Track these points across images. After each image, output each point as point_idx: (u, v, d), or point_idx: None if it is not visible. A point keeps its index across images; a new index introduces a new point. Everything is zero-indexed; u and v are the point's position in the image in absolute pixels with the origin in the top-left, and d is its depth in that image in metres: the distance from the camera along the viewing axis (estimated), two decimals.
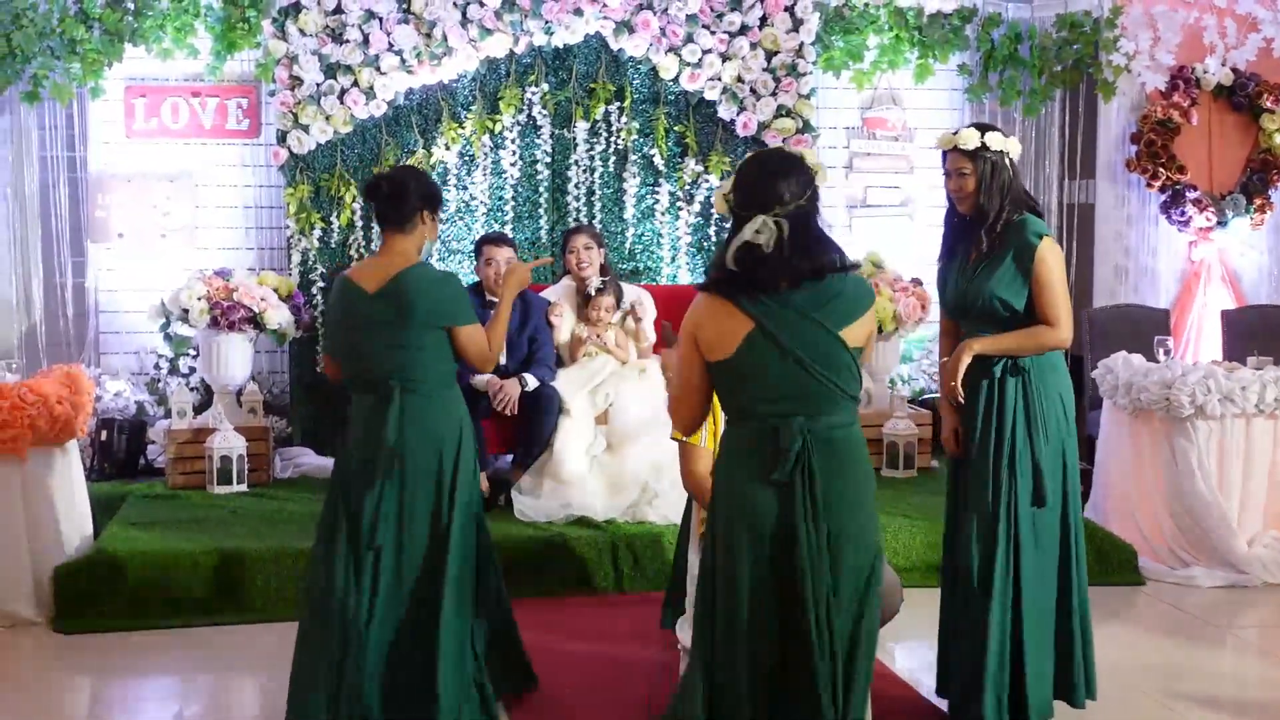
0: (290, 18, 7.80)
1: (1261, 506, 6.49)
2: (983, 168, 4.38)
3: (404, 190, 4.46)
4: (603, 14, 7.99)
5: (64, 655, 5.47)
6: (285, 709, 4.40)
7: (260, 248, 8.26)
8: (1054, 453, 4.39)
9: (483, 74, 8.10)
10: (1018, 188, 4.43)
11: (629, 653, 5.34)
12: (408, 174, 4.62)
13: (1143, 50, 8.43)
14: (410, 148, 8.04)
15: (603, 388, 6.84)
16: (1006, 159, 4.39)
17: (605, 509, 6.44)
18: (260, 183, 8.24)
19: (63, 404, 5.77)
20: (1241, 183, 8.60)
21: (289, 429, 8.04)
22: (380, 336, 4.41)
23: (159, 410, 7.93)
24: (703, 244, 8.33)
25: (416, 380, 4.40)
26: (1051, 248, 4.35)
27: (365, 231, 8.02)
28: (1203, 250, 8.62)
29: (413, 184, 4.49)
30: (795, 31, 8.20)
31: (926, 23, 8.47)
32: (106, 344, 8.14)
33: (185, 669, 5.32)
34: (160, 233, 8.09)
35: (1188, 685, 5.05)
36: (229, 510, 6.68)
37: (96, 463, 7.53)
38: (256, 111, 8.17)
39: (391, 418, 4.36)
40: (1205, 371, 6.40)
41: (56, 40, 7.59)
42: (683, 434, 3.88)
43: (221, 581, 5.86)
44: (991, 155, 4.38)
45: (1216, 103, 8.61)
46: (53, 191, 7.97)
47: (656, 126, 8.23)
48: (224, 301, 7.21)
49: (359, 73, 7.85)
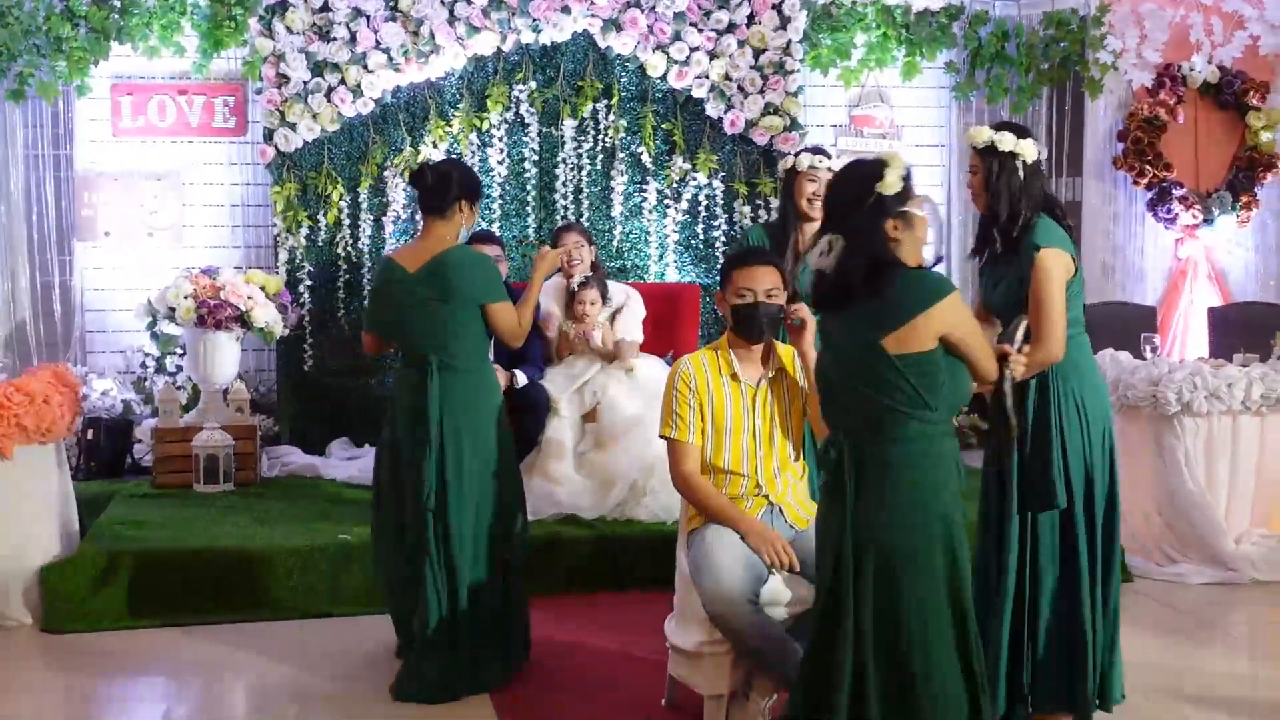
0: (277, 15, 7.79)
1: (1249, 503, 6.51)
2: (989, 166, 4.33)
3: (447, 181, 4.85)
4: (590, 12, 7.99)
5: (51, 655, 5.44)
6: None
7: (247, 246, 8.24)
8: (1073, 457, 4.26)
9: (470, 72, 8.09)
10: (1033, 190, 4.32)
11: (620, 650, 5.33)
12: (452, 166, 4.98)
13: (1129, 48, 8.45)
14: (398, 146, 8.03)
15: (590, 386, 6.83)
16: (1018, 160, 4.32)
17: (594, 507, 6.43)
18: (247, 181, 8.23)
19: (49, 403, 5.75)
20: (1228, 180, 8.63)
21: (276, 427, 8.03)
22: (420, 314, 4.79)
23: (146, 409, 7.92)
24: (690, 241, 8.33)
25: (453, 354, 4.78)
26: (1052, 257, 4.18)
27: (352, 229, 8.01)
28: (1189, 248, 8.65)
29: (455, 175, 4.88)
30: (783, 29, 8.20)
31: (914, 20, 8.49)
32: (93, 343, 8.12)
33: (173, 669, 5.30)
34: (147, 231, 8.07)
35: (1176, 682, 5.05)
36: (216, 509, 6.65)
37: (83, 462, 7.51)
38: (243, 109, 8.15)
39: (432, 390, 4.74)
40: (1192, 369, 6.41)
41: (42, 38, 7.57)
42: None
43: (209, 581, 5.83)
44: (1000, 155, 4.30)
45: (1203, 100, 8.64)
46: (39, 190, 7.96)
47: (644, 124, 8.23)
48: (211, 300, 7.19)
49: (346, 70, 7.83)
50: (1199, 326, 8.51)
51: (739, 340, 4.49)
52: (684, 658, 4.49)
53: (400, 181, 8.03)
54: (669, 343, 7.36)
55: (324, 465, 7.63)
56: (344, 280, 8.06)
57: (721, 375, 4.49)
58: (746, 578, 4.22)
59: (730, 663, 4.31)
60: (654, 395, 6.14)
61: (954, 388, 3.46)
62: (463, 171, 4.93)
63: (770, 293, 4.43)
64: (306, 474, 7.54)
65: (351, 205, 8.02)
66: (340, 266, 8.04)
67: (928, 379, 3.40)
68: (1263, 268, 8.78)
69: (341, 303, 8.06)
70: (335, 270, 8.04)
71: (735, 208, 8.33)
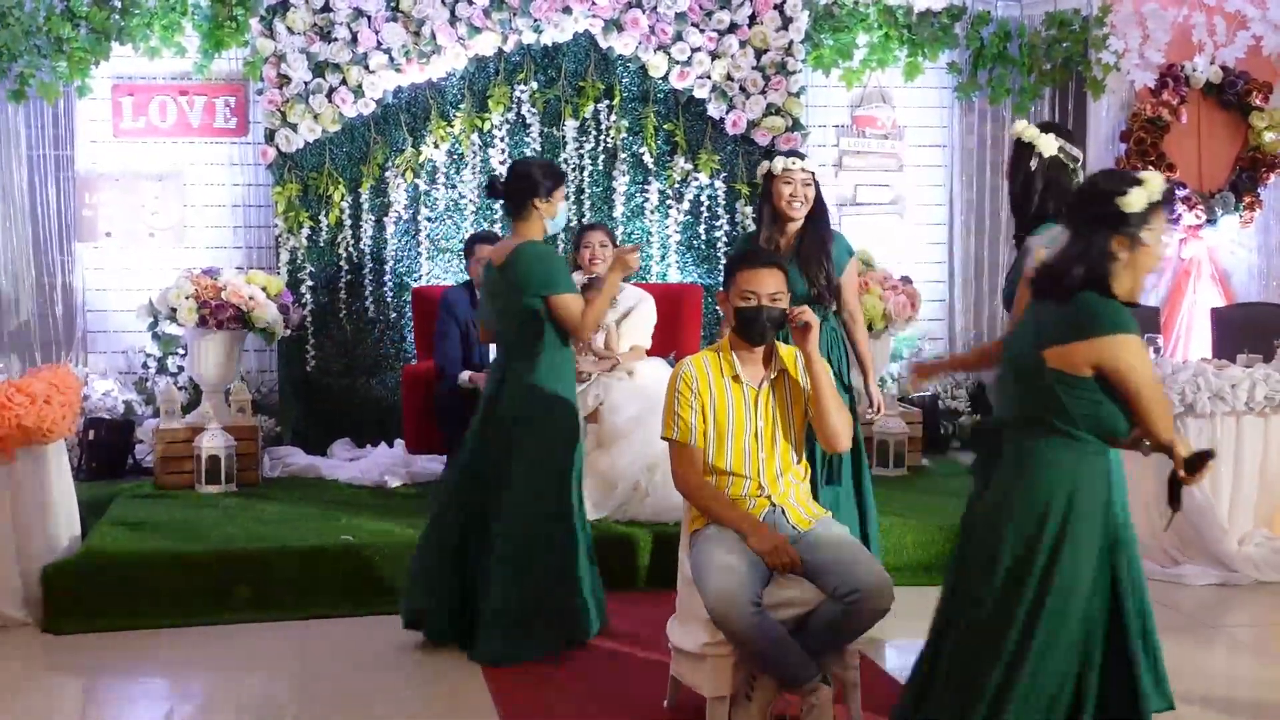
0: (278, 16, 7.78)
1: (1252, 505, 6.49)
2: (1013, 154, 4.57)
3: (509, 189, 5.25)
4: (592, 12, 7.98)
5: (53, 656, 5.43)
6: None
7: (248, 246, 8.24)
8: None
9: (471, 72, 8.08)
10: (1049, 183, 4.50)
11: (622, 651, 5.32)
12: (516, 171, 5.29)
13: (1132, 48, 8.44)
14: (399, 146, 8.03)
15: (593, 387, 6.82)
16: (1035, 151, 4.48)
17: (596, 508, 6.42)
18: (248, 181, 8.22)
19: (50, 403, 5.74)
20: (1230, 181, 8.61)
21: (278, 428, 8.02)
22: (500, 305, 5.23)
23: (147, 409, 7.91)
24: (692, 242, 8.32)
25: (523, 343, 5.14)
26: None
27: (354, 230, 8.01)
28: (1192, 248, 8.64)
29: (515, 181, 5.23)
30: (785, 29, 8.19)
31: (916, 21, 8.48)
32: (94, 343, 8.12)
33: (175, 669, 5.29)
34: (148, 231, 8.07)
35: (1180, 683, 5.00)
36: (218, 510, 6.65)
37: (84, 462, 7.51)
38: (244, 110, 8.15)
39: (509, 376, 5.16)
40: (1195, 369, 6.40)
41: (43, 39, 7.56)
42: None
43: (210, 582, 5.83)
44: (1020, 144, 4.55)
45: (1206, 101, 8.62)
46: (40, 191, 7.95)
47: (646, 124, 8.22)
48: (212, 300, 7.18)
49: (347, 71, 7.83)
50: (1202, 327, 8.49)
51: (741, 342, 4.49)
52: (686, 659, 4.49)
53: (402, 182, 8.03)
54: (671, 343, 7.35)
55: (326, 466, 7.63)
56: (345, 281, 8.05)
57: (723, 377, 4.48)
58: (749, 579, 4.21)
59: (732, 664, 4.30)
60: (656, 396, 6.10)
61: (1100, 419, 3.46)
62: (523, 176, 5.22)
63: (774, 296, 4.43)
64: (308, 475, 7.53)
65: (353, 206, 8.01)
66: (342, 267, 8.04)
67: (1076, 401, 3.43)
68: (1266, 268, 8.76)
69: (343, 303, 8.06)
70: (337, 271, 8.03)
71: (737, 208, 8.32)
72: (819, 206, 5.45)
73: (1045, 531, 3.45)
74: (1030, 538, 3.47)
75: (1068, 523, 3.46)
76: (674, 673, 4.62)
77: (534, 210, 5.20)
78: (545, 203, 5.20)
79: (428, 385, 7.04)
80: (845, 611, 4.21)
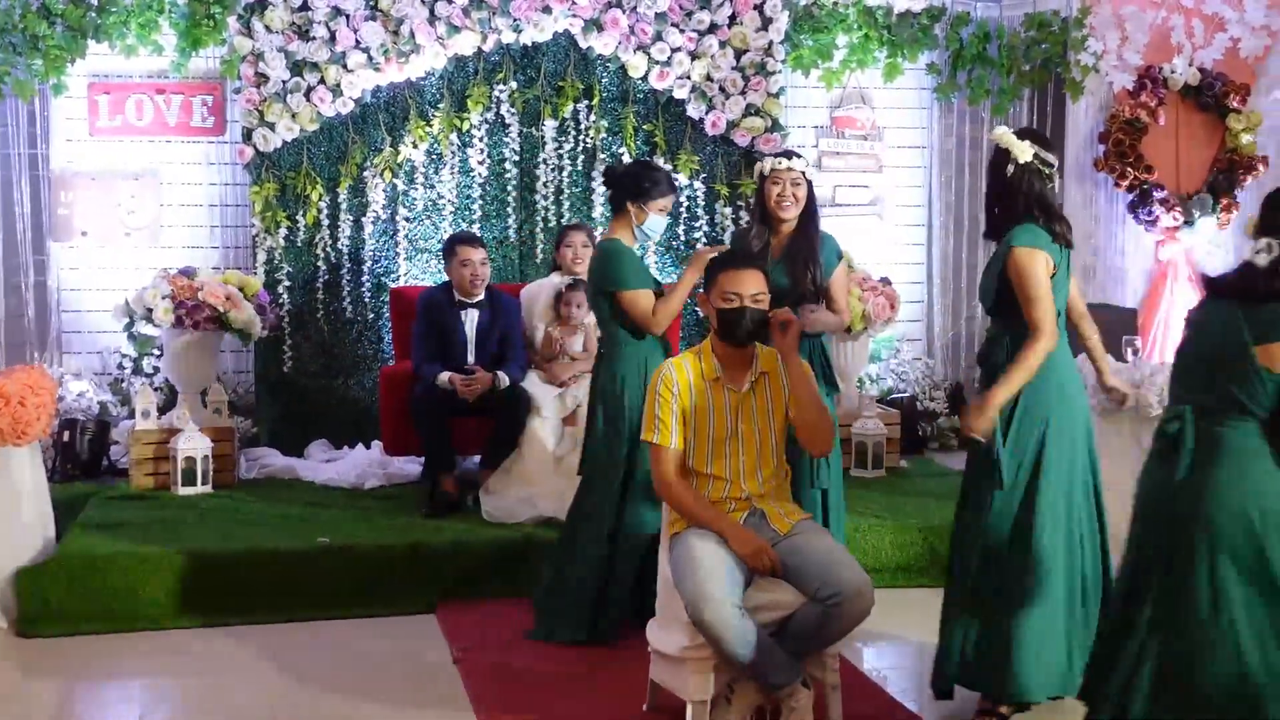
0: (256, 14, 7.73)
1: None
2: (991, 158, 4.63)
3: (612, 183, 5.54)
4: (571, 12, 7.96)
5: (26, 659, 5.40)
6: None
7: (225, 246, 8.19)
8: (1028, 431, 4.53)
9: (450, 72, 8.05)
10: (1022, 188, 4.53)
11: (601, 654, 5.30)
12: (625, 168, 5.61)
13: (1110, 50, 8.44)
14: (377, 146, 7.99)
15: (571, 389, 6.81)
16: (1009, 157, 4.54)
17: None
18: (225, 181, 8.17)
19: (25, 404, 5.70)
20: (1208, 182, 8.62)
21: (255, 429, 7.98)
22: (589, 297, 5.88)
23: (122, 410, 7.85)
24: (671, 243, 8.30)
25: (607, 335, 5.48)
26: (1025, 255, 4.42)
27: (331, 230, 7.97)
28: (1170, 250, 8.65)
29: (617, 180, 5.51)
30: (764, 30, 8.18)
31: (895, 22, 8.47)
32: (69, 343, 8.06)
33: (150, 673, 5.27)
34: (124, 231, 8.01)
35: None
36: (194, 512, 6.60)
37: (59, 464, 7.45)
38: (222, 109, 8.10)
39: (599, 365, 5.53)
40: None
41: (18, 36, 7.50)
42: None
43: (186, 584, 5.80)
44: (997, 149, 4.60)
45: (1184, 103, 8.63)
46: (15, 189, 7.89)
47: (625, 125, 8.20)
48: (188, 301, 7.14)
49: (326, 70, 7.79)
50: (1180, 329, 8.49)
51: (722, 344, 4.48)
52: (666, 662, 4.48)
53: (380, 181, 7.99)
54: None
55: (302, 467, 7.59)
56: (323, 281, 8.00)
57: (704, 379, 4.47)
58: (729, 582, 4.20)
59: (712, 668, 4.29)
60: None
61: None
62: (625, 178, 5.48)
63: (756, 297, 4.43)
64: (285, 476, 7.48)
65: (331, 206, 7.97)
66: (319, 267, 7.99)
67: (1276, 394, 3.59)
68: None
69: (320, 303, 8.01)
70: (314, 271, 7.99)
71: (716, 209, 8.31)
72: (811, 207, 5.46)
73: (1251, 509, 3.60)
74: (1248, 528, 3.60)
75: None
76: (653, 676, 4.61)
77: (626, 211, 5.43)
78: (637, 208, 5.41)
79: (406, 386, 7.00)
80: (826, 614, 4.20)
